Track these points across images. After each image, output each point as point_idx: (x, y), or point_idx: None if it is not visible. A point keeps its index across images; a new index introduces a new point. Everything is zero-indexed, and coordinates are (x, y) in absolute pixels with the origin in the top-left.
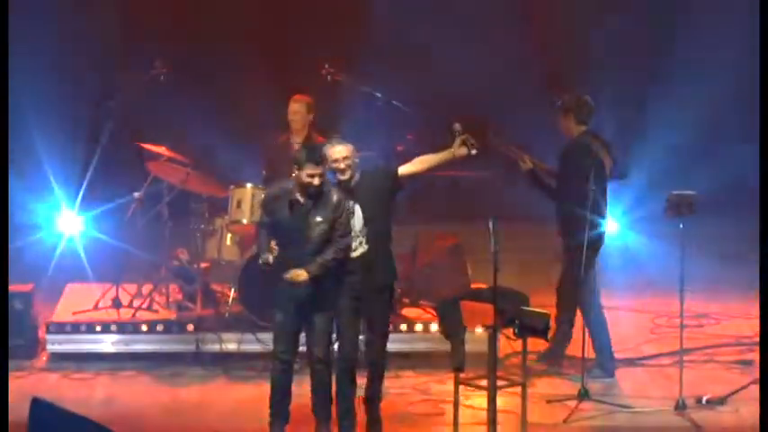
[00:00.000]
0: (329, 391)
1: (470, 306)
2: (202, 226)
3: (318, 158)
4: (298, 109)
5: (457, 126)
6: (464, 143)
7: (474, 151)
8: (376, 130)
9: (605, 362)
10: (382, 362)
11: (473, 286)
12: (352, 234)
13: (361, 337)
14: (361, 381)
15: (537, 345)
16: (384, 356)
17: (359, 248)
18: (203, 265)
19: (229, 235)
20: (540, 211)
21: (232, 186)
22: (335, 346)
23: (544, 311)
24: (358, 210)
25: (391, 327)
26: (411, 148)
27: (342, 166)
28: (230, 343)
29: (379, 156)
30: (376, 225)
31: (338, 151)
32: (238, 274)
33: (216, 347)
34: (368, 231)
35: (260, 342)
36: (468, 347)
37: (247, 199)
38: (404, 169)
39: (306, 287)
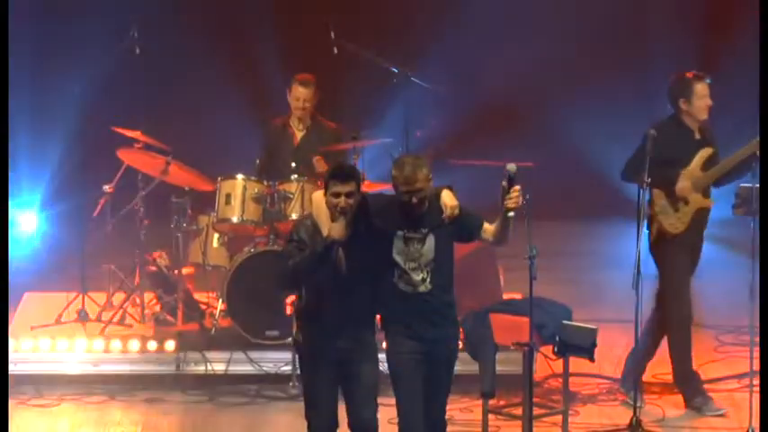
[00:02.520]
0: None
1: (502, 320)
2: (184, 225)
3: (346, 173)
4: (305, 95)
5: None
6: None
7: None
8: (392, 111)
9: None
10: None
11: (505, 296)
12: (415, 265)
13: None
14: None
15: (581, 365)
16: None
17: (420, 285)
18: (185, 270)
19: (216, 235)
20: (589, 209)
21: (220, 178)
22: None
23: (589, 326)
24: (430, 238)
25: None
26: (433, 135)
27: (413, 193)
28: (217, 363)
29: (396, 143)
30: (445, 267)
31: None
32: (227, 282)
33: (200, 369)
34: (435, 268)
35: (252, 362)
36: (500, 368)
37: (238, 193)
38: (485, 230)
39: (347, 331)
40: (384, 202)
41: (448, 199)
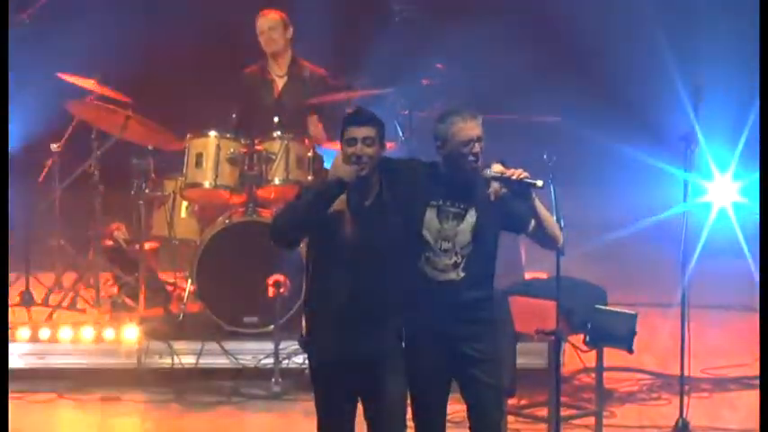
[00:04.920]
0: None
1: (524, 303)
2: (147, 191)
3: (364, 114)
4: (271, 25)
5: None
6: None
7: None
8: (393, 55)
9: None
10: None
11: (527, 276)
12: (449, 246)
13: None
14: None
15: (617, 358)
16: None
17: (449, 272)
18: (148, 245)
19: (184, 204)
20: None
21: (189, 136)
22: None
23: (627, 312)
24: (471, 215)
25: None
26: (441, 83)
27: (477, 149)
28: (186, 356)
29: (399, 92)
30: (484, 255)
31: (472, 127)
32: (197, 260)
33: (166, 362)
34: (473, 254)
35: (227, 355)
36: (521, 361)
37: (210, 153)
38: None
39: (364, 327)
40: (416, 165)
41: (501, 170)
